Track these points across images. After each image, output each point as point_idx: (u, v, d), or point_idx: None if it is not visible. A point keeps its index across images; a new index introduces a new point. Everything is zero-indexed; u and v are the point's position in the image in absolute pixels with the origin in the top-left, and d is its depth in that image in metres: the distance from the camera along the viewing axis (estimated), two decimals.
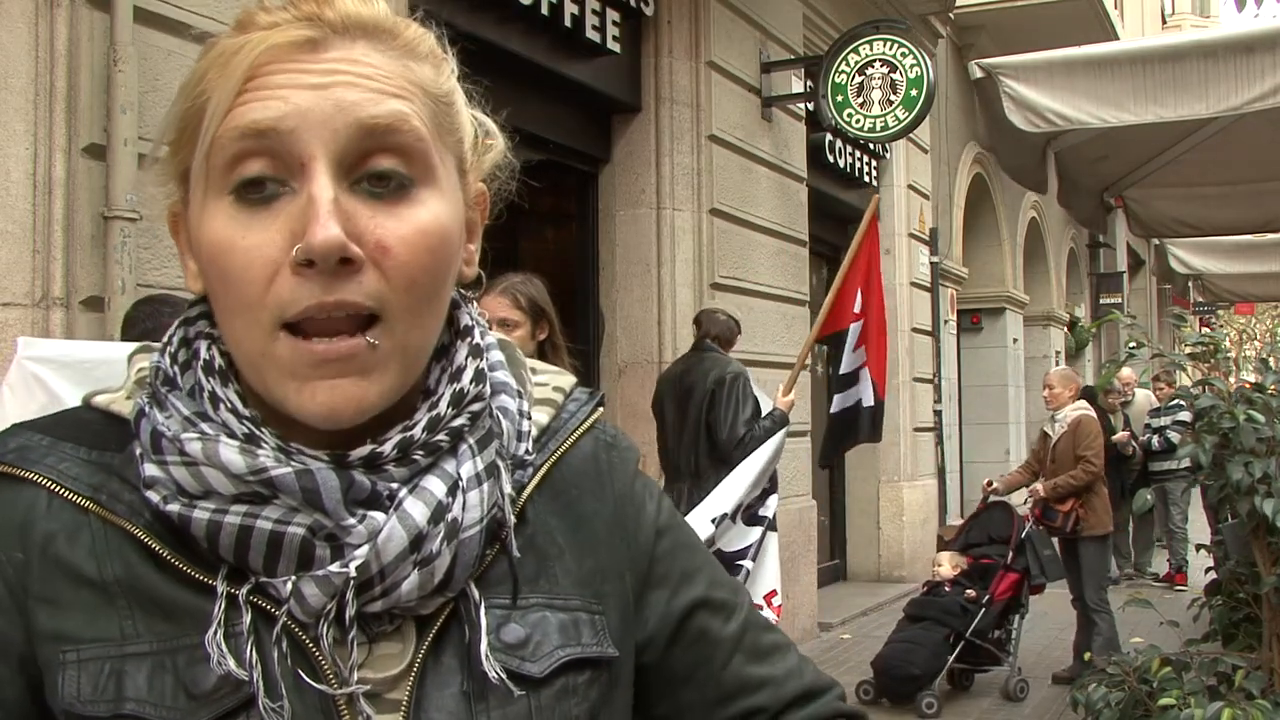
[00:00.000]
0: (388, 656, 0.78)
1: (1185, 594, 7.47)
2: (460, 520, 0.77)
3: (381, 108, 0.73)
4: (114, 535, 0.76)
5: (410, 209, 0.74)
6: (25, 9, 3.26)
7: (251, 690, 0.72)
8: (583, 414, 0.91)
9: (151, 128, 3.53)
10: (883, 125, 7.52)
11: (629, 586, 0.89)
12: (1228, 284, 15.31)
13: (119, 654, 0.73)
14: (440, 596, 0.78)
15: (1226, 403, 3.54)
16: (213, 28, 3.73)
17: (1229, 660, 3.48)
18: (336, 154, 0.72)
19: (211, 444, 0.74)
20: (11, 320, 3.20)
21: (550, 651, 0.81)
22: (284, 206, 0.72)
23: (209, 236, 0.74)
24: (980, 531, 6.75)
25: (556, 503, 0.87)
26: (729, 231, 7.13)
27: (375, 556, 0.74)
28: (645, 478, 0.96)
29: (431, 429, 0.78)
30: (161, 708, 0.72)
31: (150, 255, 3.53)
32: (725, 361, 4.95)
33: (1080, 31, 10.65)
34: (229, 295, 0.74)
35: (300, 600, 0.73)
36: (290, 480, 0.72)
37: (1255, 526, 3.55)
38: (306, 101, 0.71)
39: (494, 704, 0.78)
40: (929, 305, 11.00)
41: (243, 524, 0.73)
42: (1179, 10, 28.06)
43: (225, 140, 0.72)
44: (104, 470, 0.77)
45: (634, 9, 6.48)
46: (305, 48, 0.73)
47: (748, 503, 4.57)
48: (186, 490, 0.74)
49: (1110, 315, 8.43)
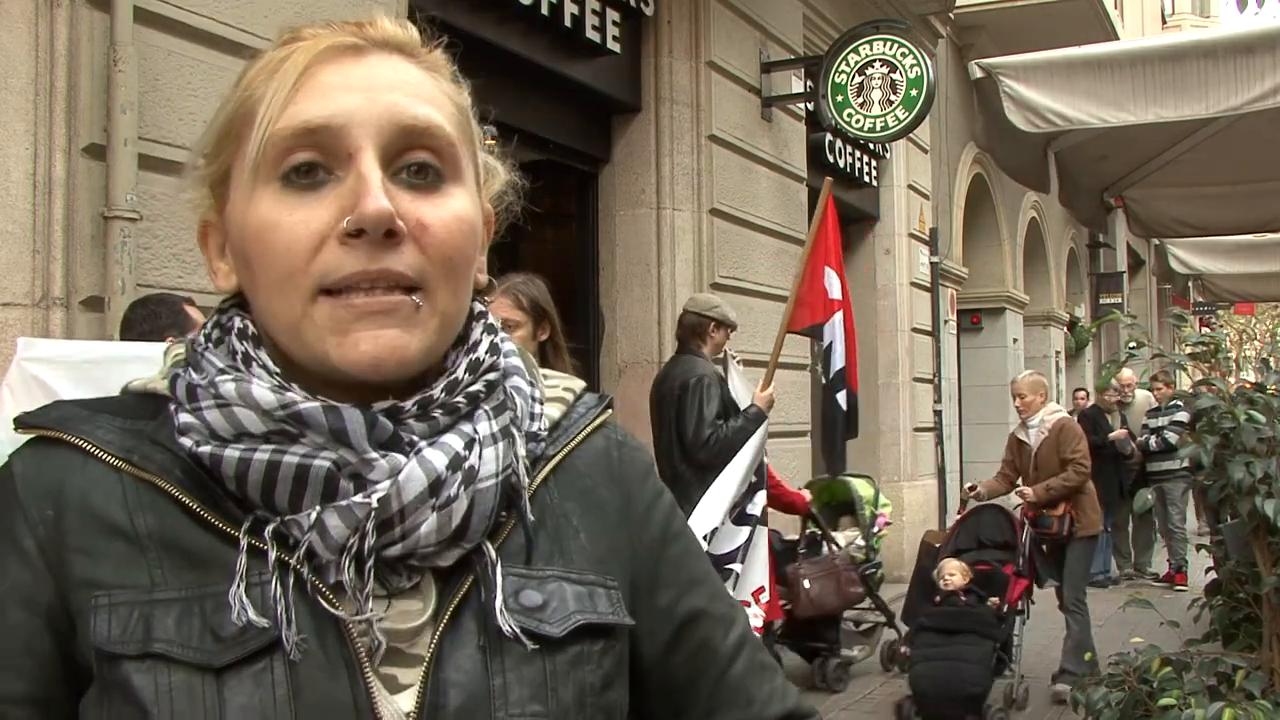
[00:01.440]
0: (407, 613, 0.81)
1: (1185, 594, 7.46)
2: (477, 470, 0.81)
3: (420, 111, 0.81)
4: (145, 491, 0.80)
5: (444, 199, 0.82)
6: (25, 9, 3.26)
7: (277, 634, 0.76)
8: (593, 414, 0.96)
9: (152, 128, 3.53)
10: (883, 125, 7.53)
11: (632, 578, 0.92)
12: (1228, 284, 15.30)
13: (148, 599, 0.77)
14: (457, 548, 0.81)
15: (1227, 403, 3.54)
16: (213, 28, 3.74)
17: (1229, 660, 3.47)
18: (380, 147, 0.79)
19: (244, 384, 0.79)
20: (11, 320, 3.20)
21: (567, 615, 0.84)
22: (331, 190, 0.79)
23: (255, 217, 0.80)
24: (969, 536, 6.47)
25: (571, 489, 0.91)
26: (729, 231, 7.13)
27: (396, 494, 0.77)
28: (658, 481, 0.99)
29: (450, 391, 0.83)
30: (188, 648, 0.75)
31: (150, 255, 3.53)
32: (692, 365, 4.90)
33: (1080, 32, 10.64)
34: (270, 268, 0.79)
35: (323, 533, 0.77)
36: (318, 413, 0.77)
37: (1256, 526, 3.55)
38: (354, 102, 0.79)
39: (510, 664, 0.81)
40: (929, 305, 11.00)
41: (271, 459, 0.77)
42: (1179, 10, 28.06)
43: (280, 137, 0.79)
44: (136, 436, 0.82)
45: (634, 9, 6.48)
46: (349, 53, 0.82)
47: (735, 501, 4.57)
48: (218, 433, 0.79)
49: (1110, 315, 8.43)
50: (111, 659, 0.75)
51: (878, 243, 10.23)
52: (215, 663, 0.75)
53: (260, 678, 0.76)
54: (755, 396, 4.89)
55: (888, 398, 10.06)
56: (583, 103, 6.43)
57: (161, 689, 0.75)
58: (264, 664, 0.76)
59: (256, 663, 0.76)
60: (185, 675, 0.75)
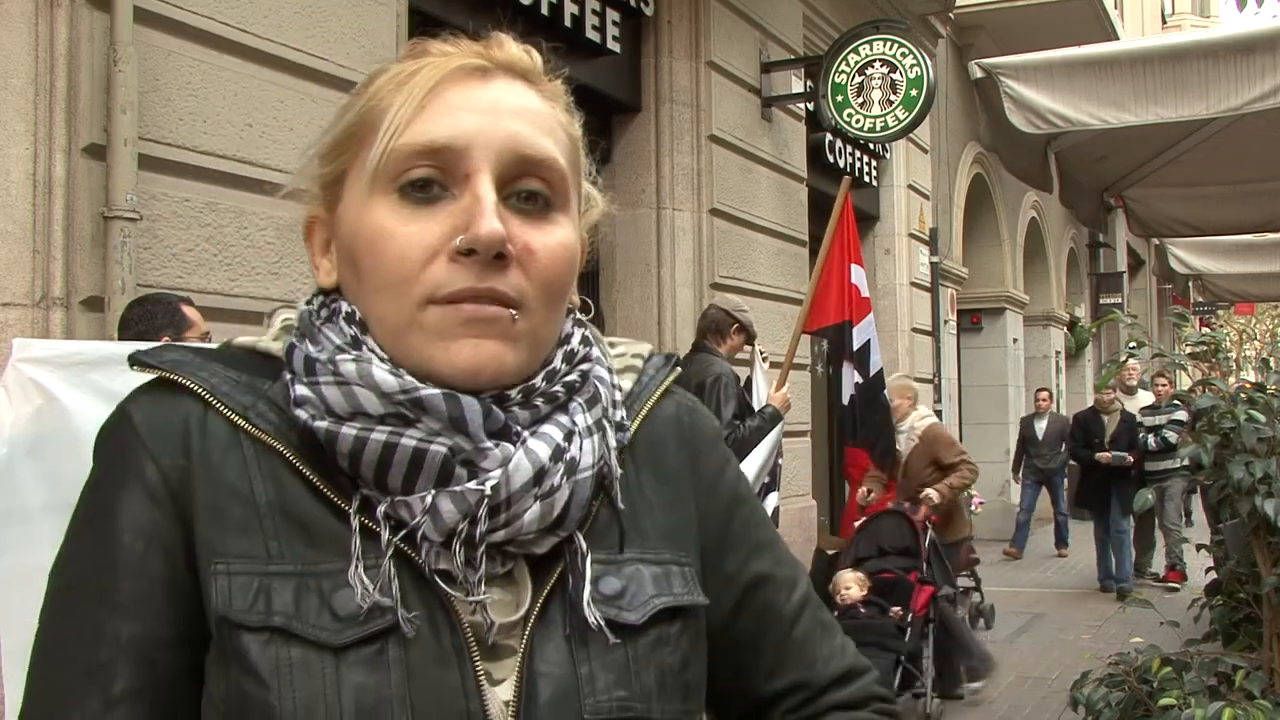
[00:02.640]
0: (501, 603, 0.83)
1: (1185, 594, 7.43)
2: (578, 461, 0.84)
3: (539, 143, 0.84)
4: (265, 457, 0.82)
5: (550, 226, 0.85)
6: (25, 9, 3.26)
7: (393, 618, 0.78)
8: (661, 375, 0.99)
9: (152, 128, 3.53)
10: (883, 125, 7.52)
11: (701, 545, 0.95)
12: (1228, 284, 15.33)
13: (264, 571, 0.79)
14: (554, 536, 0.84)
15: (1227, 403, 3.54)
16: (213, 28, 3.73)
17: (1229, 660, 3.47)
18: (497, 172, 0.82)
19: (365, 365, 0.81)
20: (11, 320, 3.20)
21: (646, 600, 0.87)
22: (445, 207, 0.82)
23: (370, 224, 0.82)
24: (869, 543, 6.07)
25: (645, 459, 0.94)
26: (729, 231, 7.13)
27: (505, 481, 0.80)
28: (724, 447, 1.02)
29: (550, 380, 0.86)
30: (308, 625, 0.78)
31: (150, 255, 3.53)
32: (708, 364, 4.87)
33: (1080, 32, 10.64)
34: (381, 274, 0.82)
35: (435, 516, 0.79)
36: (438, 401, 0.80)
37: (1256, 526, 3.55)
38: (477, 124, 0.82)
39: (594, 653, 0.83)
40: (929, 305, 11.00)
41: (388, 440, 0.79)
42: (1179, 10, 28.07)
43: (402, 153, 0.81)
44: (253, 392, 0.84)
45: (634, 9, 6.48)
46: (476, 74, 0.85)
47: None
48: (335, 410, 0.81)
49: (1110, 315, 8.42)
50: (233, 627, 0.78)
51: (878, 243, 10.23)
52: (335, 641, 0.77)
53: (376, 659, 0.78)
54: (770, 397, 4.89)
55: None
56: (582, 103, 6.38)
57: (282, 662, 0.77)
58: (380, 645, 0.78)
59: (373, 644, 0.78)
60: (304, 651, 0.77)
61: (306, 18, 4.09)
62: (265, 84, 3.91)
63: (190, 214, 3.67)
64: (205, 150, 3.71)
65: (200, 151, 3.70)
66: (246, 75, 3.85)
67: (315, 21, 4.12)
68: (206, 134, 3.72)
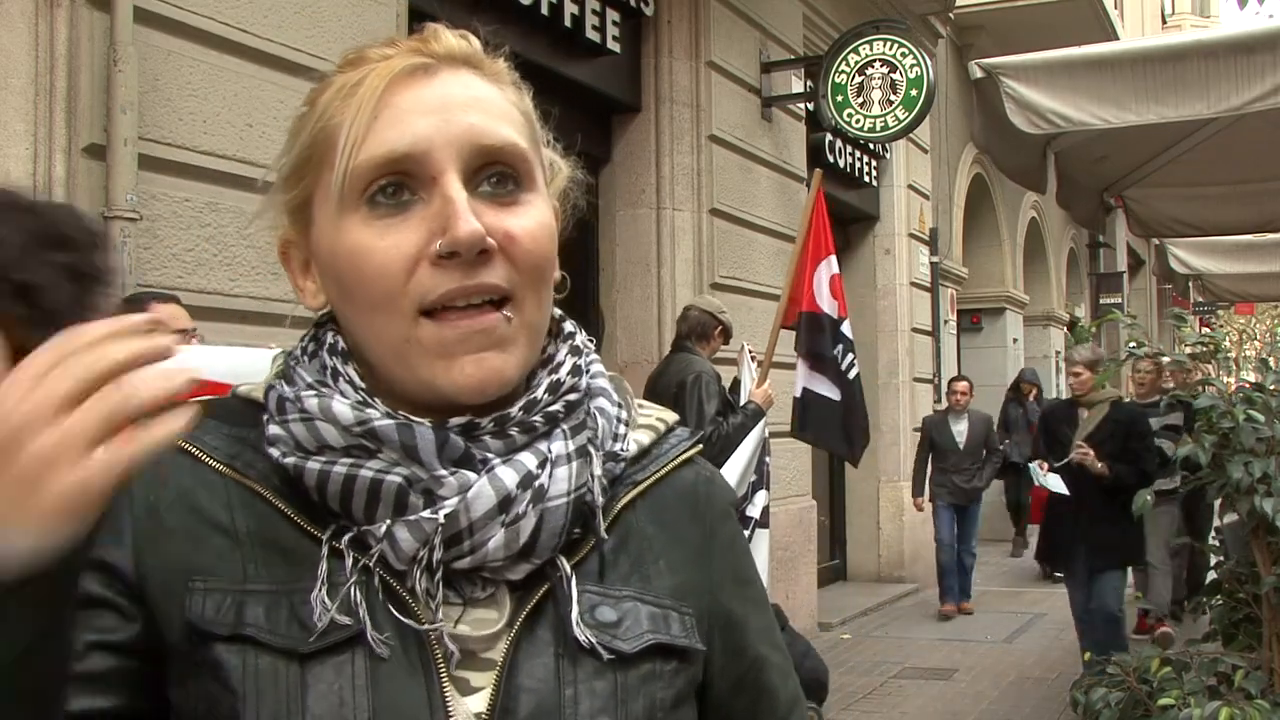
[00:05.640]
0: (484, 620, 0.84)
1: None
2: (546, 488, 0.83)
3: (496, 131, 0.84)
4: (245, 495, 0.85)
5: (523, 207, 0.85)
6: (25, 9, 3.26)
7: (359, 628, 0.80)
8: (684, 445, 0.98)
9: (152, 128, 3.53)
10: (883, 125, 7.53)
11: (709, 613, 0.94)
12: (1228, 284, 15.32)
13: (240, 589, 0.82)
14: (527, 563, 0.83)
15: (1226, 403, 3.54)
16: (213, 28, 3.74)
17: (1229, 660, 3.48)
18: (461, 167, 0.82)
19: (326, 400, 0.83)
20: None
21: (640, 634, 0.86)
22: (417, 212, 0.81)
23: (346, 245, 0.82)
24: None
25: (657, 517, 0.94)
26: (729, 231, 7.13)
27: (465, 510, 0.80)
28: (736, 521, 1.02)
29: (528, 410, 0.85)
30: (276, 634, 0.80)
31: (150, 255, 3.53)
32: (689, 363, 4.87)
33: (1080, 32, 10.64)
34: (367, 293, 0.82)
35: (393, 544, 0.80)
36: (390, 431, 0.81)
37: (1255, 526, 3.55)
38: (432, 126, 0.82)
39: (582, 676, 0.83)
40: (929, 305, 11.00)
41: (348, 473, 0.81)
42: (1179, 10, 28.06)
43: (365, 168, 0.81)
44: (240, 442, 0.87)
45: (634, 9, 6.49)
46: (420, 73, 0.84)
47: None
48: (303, 445, 0.83)
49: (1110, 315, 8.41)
50: (204, 638, 0.80)
51: (878, 243, 10.23)
52: (301, 649, 0.79)
53: (341, 668, 0.80)
54: (752, 393, 4.88)
55: (888, 398, 10.05)
56: (583, 103, 6.42)
57: (249, 669, 0.79)
58: (346, 655, 0.80)
59: (339, 654, 0.80)
60: (271, 659, 0.79)
61: (306, 18, 4.09)
62: (265, 84, 3.91)
63: (190, 214, 3.67)
64: (205, 150, 3.72)
65: (200, 151, 3.70)
66: (246, 75, 3.85)
67: (315, 21, 4.12)
68: (206, 134, 3.72)
